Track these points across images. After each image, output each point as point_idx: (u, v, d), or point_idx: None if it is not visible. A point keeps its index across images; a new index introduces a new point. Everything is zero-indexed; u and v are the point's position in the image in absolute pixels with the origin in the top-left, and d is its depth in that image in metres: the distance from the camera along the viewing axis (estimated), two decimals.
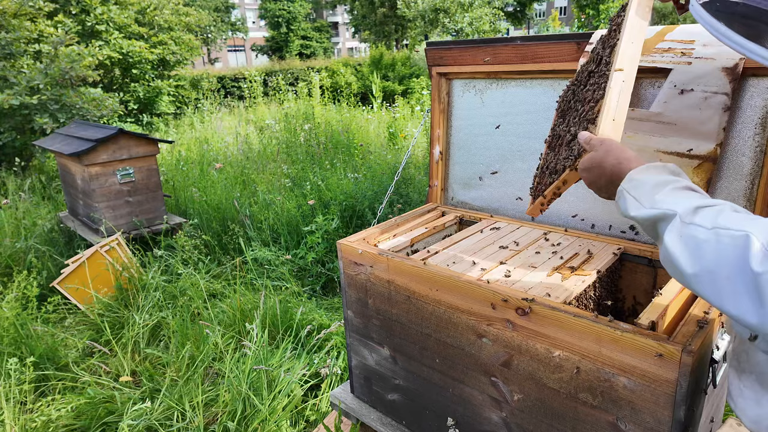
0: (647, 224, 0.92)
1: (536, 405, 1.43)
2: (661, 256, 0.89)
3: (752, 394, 0.94)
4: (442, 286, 1.56)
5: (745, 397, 0.95)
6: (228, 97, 16.69)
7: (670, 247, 0.83)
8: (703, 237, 0.79)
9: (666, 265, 0.88)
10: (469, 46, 2.03)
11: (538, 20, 41.41)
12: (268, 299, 3.29)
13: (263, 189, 5.22)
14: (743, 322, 0.75)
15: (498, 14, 22.52)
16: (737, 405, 0.98)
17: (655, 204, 0.90)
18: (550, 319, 1.32)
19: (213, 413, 2.59)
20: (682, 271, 0.81)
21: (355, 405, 2.05)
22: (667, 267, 0.87)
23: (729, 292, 0.75)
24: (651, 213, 0.90)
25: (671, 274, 0.87)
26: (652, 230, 0.92)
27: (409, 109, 9.06)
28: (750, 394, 0.94)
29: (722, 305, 0.77)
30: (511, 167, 2.05)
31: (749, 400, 0.94)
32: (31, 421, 2.52)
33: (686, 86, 1.52)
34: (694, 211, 0.83)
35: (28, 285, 3.57)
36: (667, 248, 0.84)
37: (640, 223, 0.94)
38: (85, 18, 10.65)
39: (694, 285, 0.80)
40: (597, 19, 20.12)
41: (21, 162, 7.09)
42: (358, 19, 31.72)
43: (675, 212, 0.85)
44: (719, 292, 0.76)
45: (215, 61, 39.74)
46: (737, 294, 0.74)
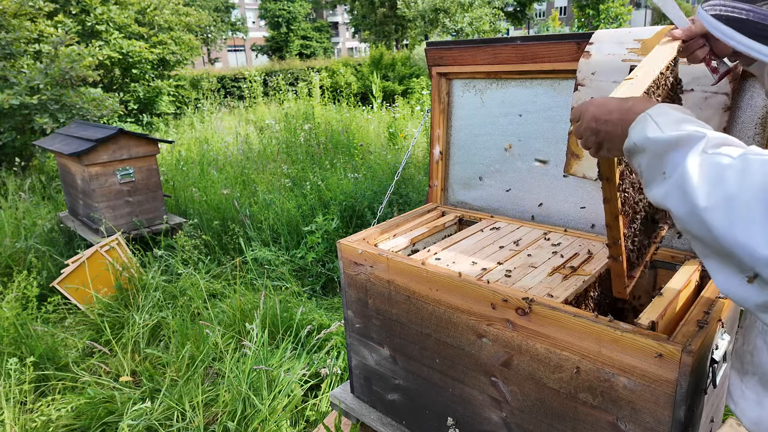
0: (661, 150, 0.81)
1: (536, 405, 1.43)
2: (665, 191, 0.79)
3: (754, 396, 0.93)
4: (442, 286, 1.56)
5: (746, 399, 0.95)
6: (228, 97, 16.69)
7: (689, 171, 0.74)
8: (727, 163, 0.72)
9: (672, 198, 0.77)
10: (469, 46, 2.03)
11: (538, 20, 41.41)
12: (268, 299, 3.29)
13: (263, 189, 5.22)
14: (750, 254, 0.67)
15: (498, 14, 22.52)
16: (738, 406, 0.97)
17: (681, 128, 0.81)
18: (550, 319, 1.32)
19: (213, 413, 2.59)
20: (693, 204, 0.73)
21: (355, 405, 2.05)
22: (673, 201, 0.77)
23: (744, 219, 0.68)
24: (673, 134, 0.80)
25: (675, 211, 0.77)
26: (660, 161, 0.81)
27: (409, 109, 9.05)
28: (752, 396, 0.94)
29: (730, 233, 0.68)
30: (511, 167, 2.05)
31: (750, 401, 0.93)
32: (31, 421, 2.52)
33: (686, 86, 1.52)
34: (723, 140, 0.77)
35: (28, 285, 3.57)
36: (686, 173, 0.75)
37: (653, 148, 0.82)
38: (85, 18, 10.65)
39: (704, 216, 0.72)
40: (597, 19, 20.12)
41: (21, 162, 7.09)
42: (358, 19, 31.72)
43: (704, 134, 0.78)
44: (732, 220, 0.68)
45: (215, 61, 39.74)
46: (753, 221, 0.67)
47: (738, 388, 0.98)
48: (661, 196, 0.81)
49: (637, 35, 1.65)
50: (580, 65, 1.72)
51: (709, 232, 0.72)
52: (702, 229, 0.73)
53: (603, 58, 1.67)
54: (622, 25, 20.04)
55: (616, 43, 1.67)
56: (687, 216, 0.75)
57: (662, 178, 0.80)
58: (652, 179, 0.84)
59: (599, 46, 1.69)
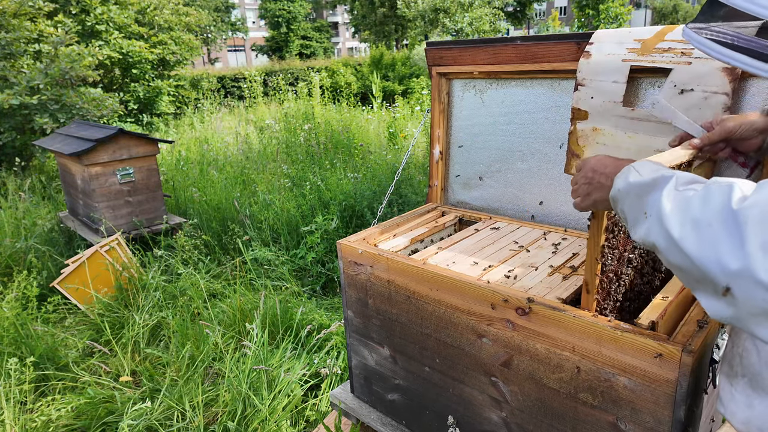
0: (641, 191, 0.90)
1: (536, 405, 1.43)
2: (647, 228, 0.86)
3: (743, 398, 0.95)
4: (442, 286, 1.56)
5: (736, 401, 0.97)
6: (228, 97, 16.69)
7: (664, 206, 0.82)
8: (692, 194, 0.80)
9: (653, 233, 0.84)
10: (469, 46, 2.03)
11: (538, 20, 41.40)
12: (268, 299, 3.29)
13: (263, 189, 5.22)
14: (721, 269, 0.73)
15: (498, 14, 22.51)
16: (728, 409, 0.99)
17: (656, 171, 0.90)
18: (550, 319, 1.32)
19: (213, 413, 2.59)
20: (670, 234, 0.80)
21: (355, 405, 2.05)
22: (655, 235, 0.84)
23: (709, 238, 0.74)
24: (650, 177, 0.89)
25: (658, 244, 0.83)
26: (641, 202, 0.89)
27: (409, 109, 9.05)
28: (741, 398, 0.96)
29: (701, 254, 0.75)
30: (511, 167, 2.05)
31: (740, 403, 0.96)
32: (31, 421, 2.52)
33: (686, 86, 1.52)
34: (692, 178, 0.85)
35: (28, 285, 3.57)
36: (662, 209, 0.83)
37: (634, 191, 0.92)
38: (85, 18, 10.65)
39: (680, 245, 0.78)
40: (597, 19, 20.11)
41: (21, 162, 7.09)
42: (358, 19, 31.72)
43: (673, 174, 0.86)
44: (700, 241, 0.75)
45: (215, 61, 39.74)
46: (717, 239, 0.73)
47: (728, 392, 1.00)
48: (644, 233, 0.88)
49: (637, 35, 1.65)
50: (580, 65, 1.72)
51: (686, 258, 0.78)
52: (681, 257, 0.79)
53: (603, 58, 1.67)
54: (622, 25, 20.04)
55: (616, 43, 1.67)
56: (667, 247, 0.81)
57: (644, 218, 0.88)
58: (635, 221, 0.91)
59: (599, 46, 1.69)
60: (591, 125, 1.75)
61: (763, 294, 0.69)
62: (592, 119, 1.75)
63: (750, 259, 0.69)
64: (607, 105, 1.68)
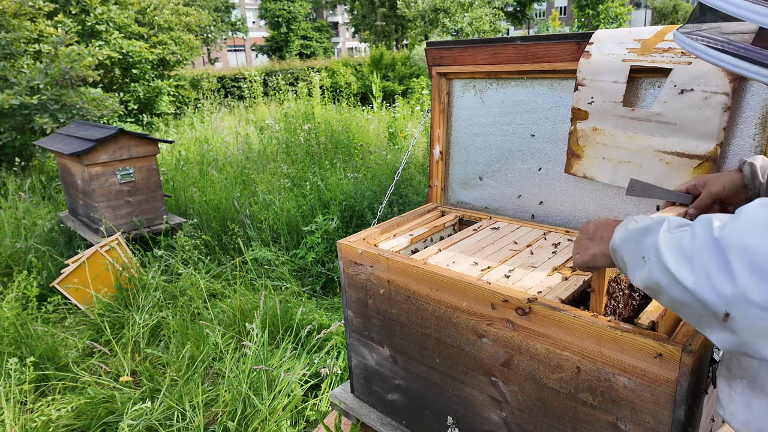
0: (638, 236, 0.95)
1: (536, 405, 1.43)
2: (648, 270, 0.90)
3: (742, 399, 0.97)
4: (442, 286, 1.56)
5: (735, 403, 0.98)
6: (228, 97, 16.69)
7: (661, 248, 0.87)
8: (683, 233, 0.85)
9: (655, 273, 0.88)
10: (469, 46, 2.03)
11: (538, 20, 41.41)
12: (268, 299, 3.28)
13: (263, 189, 5.22)
14: (718, 297, 0.75)
15: (498, 14, 22.51)
16: (727, 411, 1.01)
17: (650, 217, 0.96)
18: (550, 319, 1.32)
19: (213, 413, 2.59)
20: (670, 273, 0.84)
21: (355, 405, 2.05)
22: (656, 274, 0.87)
23: (702, 270, 0.78)
24: (645, 223, 0.95)
25: (660, 283, 0.86)
26: (638, 247, 0.94)
27: (409, 109, 9.05)
28: (740, 399, 0.97)
29: (699, 286, 0.78)
30: (511, 167, 2.06)
31: (739, 405, 0.97)
32: (31, 421, 2.52)
33: (686, 86, 1.52)
34: (682, 221, 0.90)
35: (28, 285, 3.57)
36: (660, 251, 0.87)
37: (632, 236, 0.97)
38: (85, 18, 10.65)
39: (679, 281, 0.82)
40: (597, 19, 20.11)
41: (21, 162, 7.09)
42: (358, 19, 31.71)
43: (665, 218, 0.92)
44: (695, 274, 0.79)
45: (215, 61, 39.74)
46: (709, 270, 0.77)
47: (727, 394, 1.01)
48: (646, 275, 0.91)
49: (637, 35, 1.65)
50: (580, 65, 1.72)
51: (686, 292, 0.81)
52: (681, 292, 0.82)
53: (603, 58, 1.67)
54: (622, 25, 20.03)
55: (616, 43, 1.67)
56: (668, 284, 0.85)
57: (643, 262, 0.92)
58: (634, 266, 0.95)
59: (599, 46, 1.69)
60: (591, 125, 1.75)
61: (759, 314, 0.71)
62: (592, 119, 1.75)
63: (740, 282, 0.72)
64: (607, 105, 1.68)
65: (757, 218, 0.75)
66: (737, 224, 0.76)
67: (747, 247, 0.73)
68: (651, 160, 1.64)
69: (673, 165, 1.60)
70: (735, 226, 0.76)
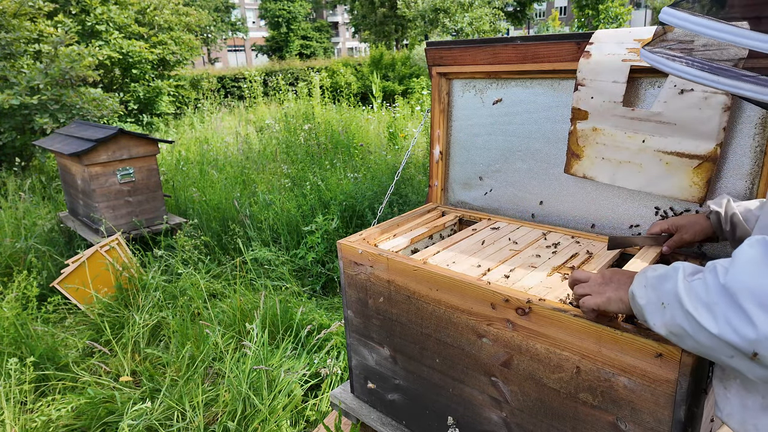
0: (657, 283, 0.99)
1: (536, 405, 1.43)
2: (671, 316, 0.94)
3: (738, 399, 1.00)
4: (442, 286, 1.56)
5: (731, 403, 1.01)
6: (228, 97, 16.70)
7: (681, 295, 0.91)
8: (697, 283, 0.91)
9: (678, 319, 0.92)
10: (469, 46, 2.03)
11: (538, 20, 41.41)
12: (268, 299, 3.29)
13: (263, 189, 5.22)
14: (742, 339, 0.81)
15: (498, 14, 22.52)
16: (724, 412, 1.04)
17: (665, 267, 1.01)
18: (550, 319, 1.32)
19: (213, 413, 2.59)
20: (694, 321, 0.88)
21: (355, 405, 2.05)
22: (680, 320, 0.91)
23: (722, 317, 0.83)
24: (661, 271, 1.00)
25: (685, 329, 0.91)
26: (657, 294, 0.98)
27: (409, 109, 9.05)
28: (736, 400, 1.00)
29: (722, 331, 0.83)
30: (511, 167, 2.06)
31: (735, 405, 1.00)
32: (31, 421, 2.52)
33: (686, 86, 1.52)
34: (693, 270, 0.95)
35: (28, 285, 3.57)
36: (680, 298, 0.91)
37: (651, 283, 1.01)
38: (85, 18, 10.65)
39: (703, 327, 0.86)
40: (597, 19, 20.12)
41: (21, 162, 7.09)
42: (358, 19, 31.71)
43: (679, 266, 0.97)
44: (718, 322, 0.84)
45: (215, 61, 39.73)
46: (727, 314, 0.82)
47: (723, 396, 1.04)
48: (668, 320, 0.95)
49: (637, 35, 1.65)
50: (580, 65, 1.72)
51: (714, 338, 0.86)
52: (708, 338, 0.87)
53: (603, 58, 1.67)
54: (622, 25, 20.04)
55: (616, 43, 1.67)
56: (694, 331, 0.89)
57: (662, 308, 0.97)
58: (653, 312, 1.00)
59: (599, 46, 1.69)
60: (591, 125, 1.75)
61: None
62: (592, 119, 1.75)
63: (760, 324, 0.79)
64: (607, 105, 1.68)
65: (752, 259, 0.82)
66: (736, 269, 0.83)
67: (752, 289, 0.80)
68: (651, 160, 1.64)
69: (673, 165, 1.60)
70: (735, 271, 0.83)
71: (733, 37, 0.86)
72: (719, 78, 0.91)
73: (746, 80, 0.87)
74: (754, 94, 0.87)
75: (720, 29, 0.88)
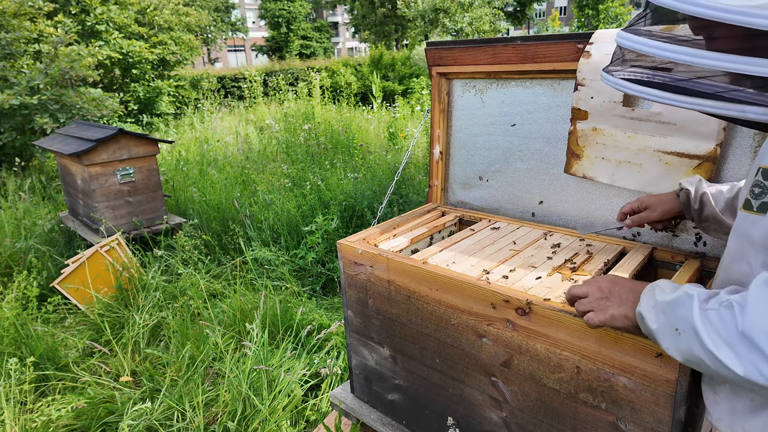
0: (669, 308, 0.97)
1: (536, 405, 1.43)
2: (688, 345, 0.92)
3: (727, 403, 1.01)
4: (442, 286, 1.56)
5: (722, 408, 1.02)
6: (228, 97, 16.69)
7: (698, 328, 0.90)
8: (713, 316, 0.89)
9: (696, 351, 0.90)
10: (469, 46, 2.03)
11: (538, 20, 41.40)
12: (268, 299, 3.28)
13: (263, 189, 5.22)
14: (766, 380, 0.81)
15: (498, 14, 22.52)
16: (714, 416, 1.05)
17: (678, 289, 0.98)
18: (551, 319, 1.32)
19: (213, 413, 2.59)
20: (716, 357, 0.87)
21: (355, 405, 2.05)
22: (698, 353, 0.90)
23: (747, 358, 0.83)
24: (675, 295, 0.97)
25: (705, 361, 0.90)
26: (670, 319, 0.96)
27: (409, 109, 9.05)
28: (725, 404, 1.01)
29: (750, 374, 0.83)
30: (511, 167, 2.06)
31: (725, 409, 1.01)
32: (31, 421, 2.52)
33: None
34: (707, 296, 0.93)
35: (28, 285, 3.57)
36: (697, 331, 0.90)
37: (660, 307, 0.99)
38: (85, 18, 10.65)
39: (728, 365, 0.86)
40: (597, 19, 20.12)
41: (21, 162, 7.09)
42: (358, 19, 31.71)
43: (693, 292, 0.94)
44: (743, 363, 0.84)
45: (215, 61, 39.73)
46: (751, 357, 0.82)
47: (712, 401, 1.05)
48: (685, 349, 0.93)
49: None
50: (580, 65, 1.72)
51: (739, 378, 0.86)
52: (734, 377, 0.87)
53: (603, 58, 1.67)
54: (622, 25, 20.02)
55: None
56: (717, 367, 0.88)
57: (677, 334, 0.94)
58: (665, 336, 0.98)
59: (599, 46, 1.69)
60: (591, 125, 1.75)
61: None
62: (592, 119, 1.75)
63: None
64: (607, 105, 1.68)
65: (764, 300, 0.83)
66: (750, 313, 0.83)
67: None
68: (651, 160, 1.64)
69: (673, 165, 1.60)
70: (749, 314, 0.83)
71: (688, 57, 0.90)
72: (680, 97, 0.94)
73: (707, 97, 0.91)
74: (715, 109, 0.91)
75: (674, 50, 0.91)
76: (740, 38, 0.86)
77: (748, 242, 0.94)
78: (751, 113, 0.88)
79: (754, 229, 0.92)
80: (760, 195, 0.92)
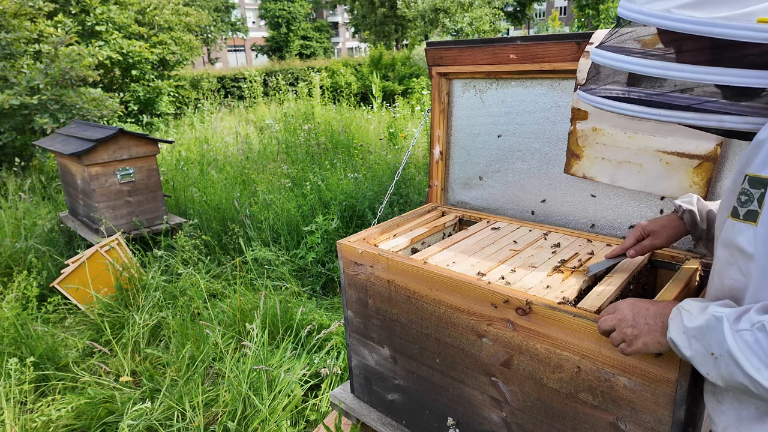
0: (700, 334, 0.94)
1: (536, 405, 1.43)
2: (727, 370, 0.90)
3: (733, 412, 1.00)
4: (442, 286, 1.56)
5: (726, 416, 1.01)
6: (228, 97, 16.68)
7: (734, 352, 0.87)
8: (749, 338, 0.86)
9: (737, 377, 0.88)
10: (469, 46, 2.03)
11: (538, 20, 41.40)
12: (268, 299, 3.28)
13: (263, 189, 5.22)
14: None
15: (498, 14, 22.51)
16: (719, 425, 1.03)
17: (707, 311, 0.95)
18: (551, 319, 1.32)
19: (213, 413, 2.59)
20: (754, 379, 0.86)
21: (355, 405, 2.05)
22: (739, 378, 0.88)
23: None
24: (703, 319, 0.94)
25: (746, 385, 0.88)
26: (703, 344, 0.94)
27: (409, 109, 9.05)
28: (731, 412, 1.01)
29: None
30: (511, 167, 2.06)
31: (731, 417, 1.01)
32: (31, 421, 2.52)
33: (686, 86, 1.51)
34: (737, 315, 0.90)
35: (28, 285, 3.57)
36: (733, 355, 0.88)
37: (691, 333, 0.96)
38: (85, 18, 10.64)
39: (765, 386, 0.84)
40: (597, 19, 20.09)
41: (21, 162, 7.09)
42: (358, 19, 31.71)
43: (721, 314, 0.91)
44: None
45: (215, 61, 39.70)
46: None
47: (716, 410, 1.04)
48: (726, 375, 0.91)
49: (637, 35, 1.65)
50: (580, 65, 1.72)
51: None
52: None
53: None
54: None
55: None
56: (762, 392, 0.86)
57: (713, 359, 0.92)
58: (703, 362, 0.95)
59: None
60: (591, 125, 1.75)
61: None
62: (592, 119, 1.75)
63: None
64: None
65: None
66: None
67: None
68: (651, 160, 1.64)
69: (673, 165, 1.60)
70: None
71: (660, 70, 0.93)
72: (657, 111, 0.96)
73: (684, 109, 0.93)
74: (693, 121, 0.92)
75: (647, 65, 0.94)
76: (708, 50, 0.87)
77: (736, 250, 0.92)
78: (728, 122, 0.88)
79: (740, 237, 0.91)
80: (746, 203, 0.90)
